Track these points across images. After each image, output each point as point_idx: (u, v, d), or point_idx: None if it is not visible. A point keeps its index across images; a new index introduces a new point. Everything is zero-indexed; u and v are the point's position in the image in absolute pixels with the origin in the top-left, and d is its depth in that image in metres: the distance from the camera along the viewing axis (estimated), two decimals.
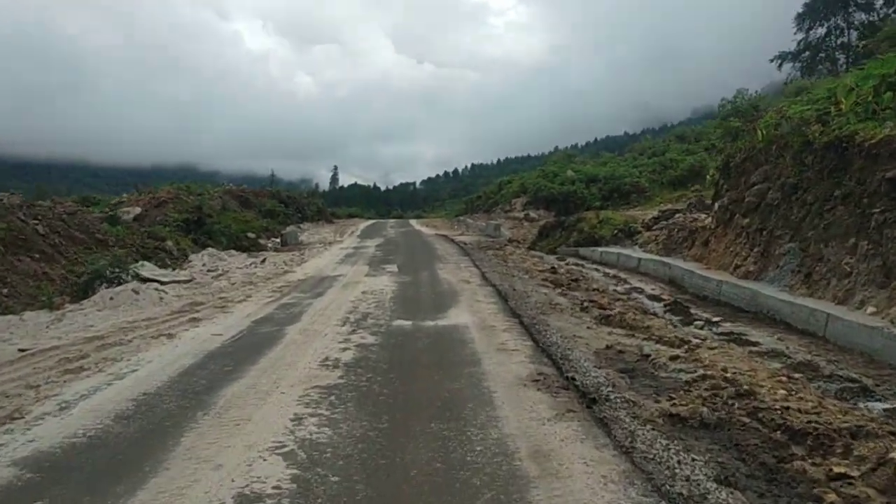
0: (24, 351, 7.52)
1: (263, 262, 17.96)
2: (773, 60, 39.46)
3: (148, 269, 13.84)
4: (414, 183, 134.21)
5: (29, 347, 7.70)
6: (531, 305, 9.66)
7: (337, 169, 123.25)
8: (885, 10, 34.71)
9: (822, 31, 37.65)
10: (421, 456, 4.05)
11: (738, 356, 6.57)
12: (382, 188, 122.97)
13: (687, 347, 6.86)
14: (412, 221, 41.54)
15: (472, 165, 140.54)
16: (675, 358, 6.39)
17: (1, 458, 4.17)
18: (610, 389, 5.35)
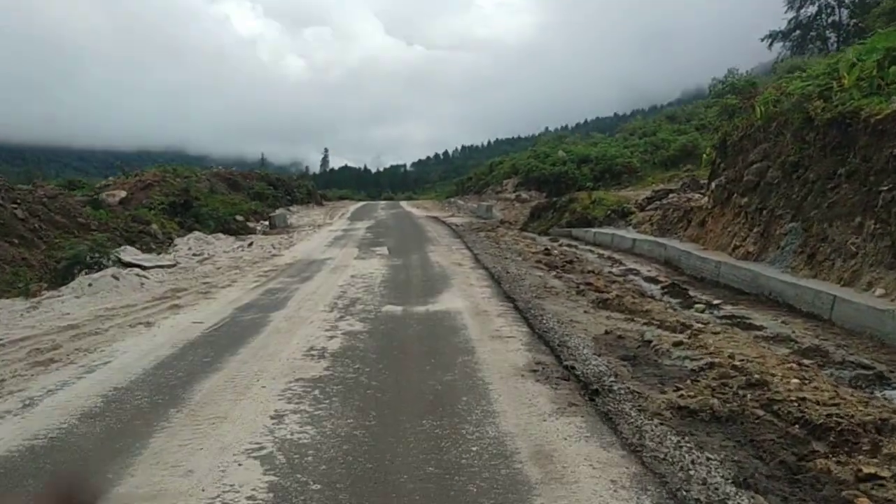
0: None
1: (251, 245, 17.55)
2: (763, 39, 39.03)
3: (130, 253, 13.40)
4: (404, 165, 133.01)
5: None
6: (525, 289, 9.32)
7: (327, 152, 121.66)
8: None
9: (813, 9, 37.21)
10: (412, 458, 3.70)
11: (743, 341, 6.27)
12: (373, 170, 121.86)
13: (689, 332, 6.56)
14: (403, 203, 40.94)
15: (462, 147, 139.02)
16: (678, 344, 6.08)
17: None
18: (612, 380, 5.03)
